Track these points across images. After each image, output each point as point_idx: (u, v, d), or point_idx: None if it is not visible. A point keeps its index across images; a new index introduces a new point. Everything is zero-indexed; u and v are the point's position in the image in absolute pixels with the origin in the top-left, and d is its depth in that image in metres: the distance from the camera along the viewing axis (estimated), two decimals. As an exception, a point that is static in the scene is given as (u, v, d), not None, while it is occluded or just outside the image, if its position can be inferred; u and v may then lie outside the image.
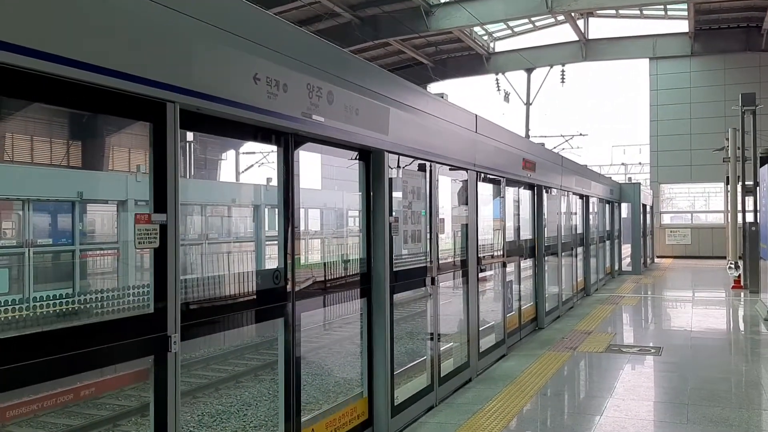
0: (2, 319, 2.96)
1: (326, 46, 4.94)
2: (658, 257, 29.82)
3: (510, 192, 10.08)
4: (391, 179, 5.78)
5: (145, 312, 3.27)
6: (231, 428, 8.38)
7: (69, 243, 13.89)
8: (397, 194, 5.99)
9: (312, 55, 4.60)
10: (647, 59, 32.63)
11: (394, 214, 5.87)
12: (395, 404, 5.83)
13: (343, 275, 5.46)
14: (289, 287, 4.50)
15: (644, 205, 24.88)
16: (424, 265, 6.64)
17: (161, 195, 3.32)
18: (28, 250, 13.06)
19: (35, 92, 2.82)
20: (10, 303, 3.09)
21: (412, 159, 6.31)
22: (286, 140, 4.47)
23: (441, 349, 6.99)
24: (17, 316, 2.98)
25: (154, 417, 3.30)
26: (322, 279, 5.16)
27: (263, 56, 4.01)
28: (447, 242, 7.67)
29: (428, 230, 6.71)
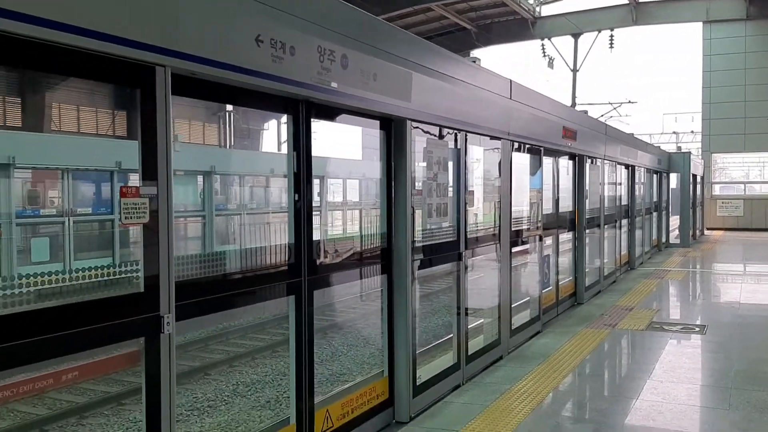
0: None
1: (339, 5, 4.61)
2: (708, 229, 28.85)
3: (548, 162, 9.66)
4: (415, 149, 5.48)
5: (133, 291, 3.07)
6: (265, 398, 8.31)
7: (108, 212, 14.01)
8: (422, 164, 5.69)
9: (322, 15, 4.29)
10: (700, 23, 31.16)
11: (418, 185, 5.58)
12: (417, 384, 5.60)
13: (360, 250, 5.21)
14: (300, 263, 4.28)
15: (694, 176, 24.00)
16: (452, 239, 6.35)
17: (151, 167, 3.10)
18: (68, 219, 13.21)
19: (5, 56, 2.60)
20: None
21: (439, 128, 5.98)
22: (296, 107, 4.20)
23: (469, 326, 6.71)
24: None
25: (146, 404, 3.12)
26: (338, 254, 4.92)
27: (266, 15, 3.72)
28: (478, 215, 7.35)
29: (456, 203, 6.40)
